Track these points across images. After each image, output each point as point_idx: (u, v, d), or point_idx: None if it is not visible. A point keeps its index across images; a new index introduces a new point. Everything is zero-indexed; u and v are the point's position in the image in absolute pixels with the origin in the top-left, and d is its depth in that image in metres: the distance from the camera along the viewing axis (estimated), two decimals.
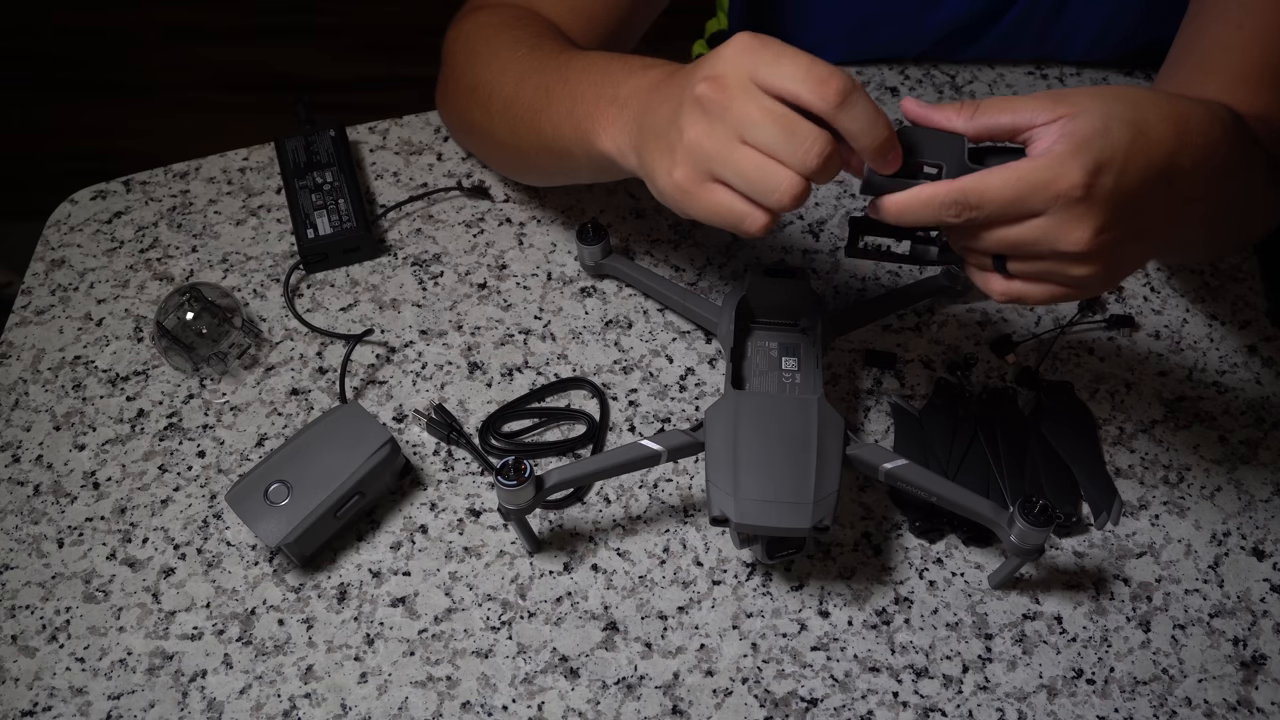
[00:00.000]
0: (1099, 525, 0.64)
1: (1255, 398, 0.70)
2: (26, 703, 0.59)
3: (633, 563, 0.63)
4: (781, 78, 0.47)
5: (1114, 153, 0.46)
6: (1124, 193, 0.47)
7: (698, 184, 0.50)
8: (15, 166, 1.86)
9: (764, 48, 0.48)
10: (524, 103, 0.64)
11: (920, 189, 0.49)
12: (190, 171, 0.83)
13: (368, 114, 0.87)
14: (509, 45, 0.68)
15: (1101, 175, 0.46)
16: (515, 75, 0.66)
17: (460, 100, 0.73)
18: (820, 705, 0.58)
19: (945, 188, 0.48)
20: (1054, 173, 0.46)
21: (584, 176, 0.68)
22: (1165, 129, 0.48)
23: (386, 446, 0.63)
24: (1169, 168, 0.48)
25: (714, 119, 0.48)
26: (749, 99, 0.48)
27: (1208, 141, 0.49)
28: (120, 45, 1.82)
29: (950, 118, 0.50)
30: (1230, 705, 0.58)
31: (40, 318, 0.75)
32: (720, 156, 0.49)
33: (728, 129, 0.48)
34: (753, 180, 0.48)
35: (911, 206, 0.49)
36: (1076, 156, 0.46)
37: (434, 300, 0.75)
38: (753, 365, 0.64)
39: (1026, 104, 0.49)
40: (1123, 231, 0.48)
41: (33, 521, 0.65)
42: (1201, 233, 0.60)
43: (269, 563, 0.64)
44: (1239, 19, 0.64)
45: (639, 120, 0.54)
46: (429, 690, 0.59)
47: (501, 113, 0.67)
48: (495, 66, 0.68)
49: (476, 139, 0.75)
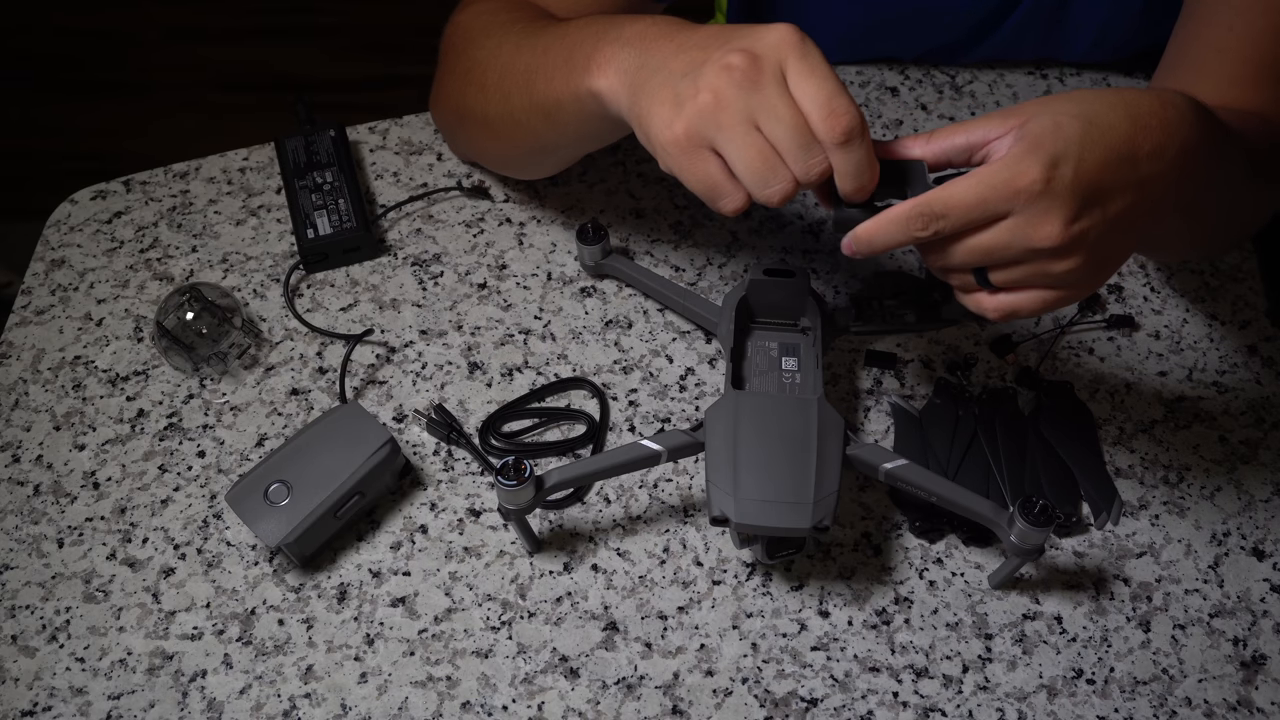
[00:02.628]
0: (1099, 525, 0.64)
1: (1255, 398, 0.70)
2: (26, 703, 0.59)
3: (633, 563, 0.63)
4: (804, 90, 0.48)
5: (1068, 144, 0.47)
6: (1086, 180, 0.47)
7: (694, 147, 0.50)
8: (15, 166, 1.86)
9: (806, 53, 0.48)
10: (520, 66, 0.64)
11: (886, 211, 0.50)
12: (190, 171, 0.83)
13: (368, 114, 0.87)
14: (506, 25, 0.68)
15: (1060, 167, 0.46)
16: (512, 44, 0.66)
17: (455, 86, 0.72)
18: (820, 705, 0.58)
19: (910, 203, 0.49)
20: (1012, 171, 0.47)
21: (571, 137, 0.66)
22: (1116, 115, 0.48)
23: (386, 446, 0.63)
24: (1128, 151, 0.48)
25: (739, 92, 0.48)
26: (779, 92, 0.48)
27: (1163, 124, 0.49)
28: (120, 45, 1.82)
29: (910, 146, 0.51)
30: (1230, 705, 0.58)
31: (40, 318, 0.75)
32: (730, 129, 0.49)
33: (747, 108, 0.48)
34: (754, 167, 0.49)
35: (881, 228, 0.50)
36: (1032, 153, 0.46)
37: (434, 300, 0.75)
38: (753, 365, 0.64)
39: (979, 123, 0.50)
40: (1095, 219, 0.48)
41: (33, 521, 0.65)
42: (1184, 224, 0.60)
43: (269, 563, 0.64)
44: (1229, 21, 0.65)
45: (641, 59, 0.53)
46: (429, 690, 0.59)
47: (497, 84, 0.67)
48: (491, 44, 0.68)
49: (469, 127, 0.74)
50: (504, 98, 0.66)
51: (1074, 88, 0.86)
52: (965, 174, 0.48)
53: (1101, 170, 0.47)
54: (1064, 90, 0.86)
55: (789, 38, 0.49)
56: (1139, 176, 0.48)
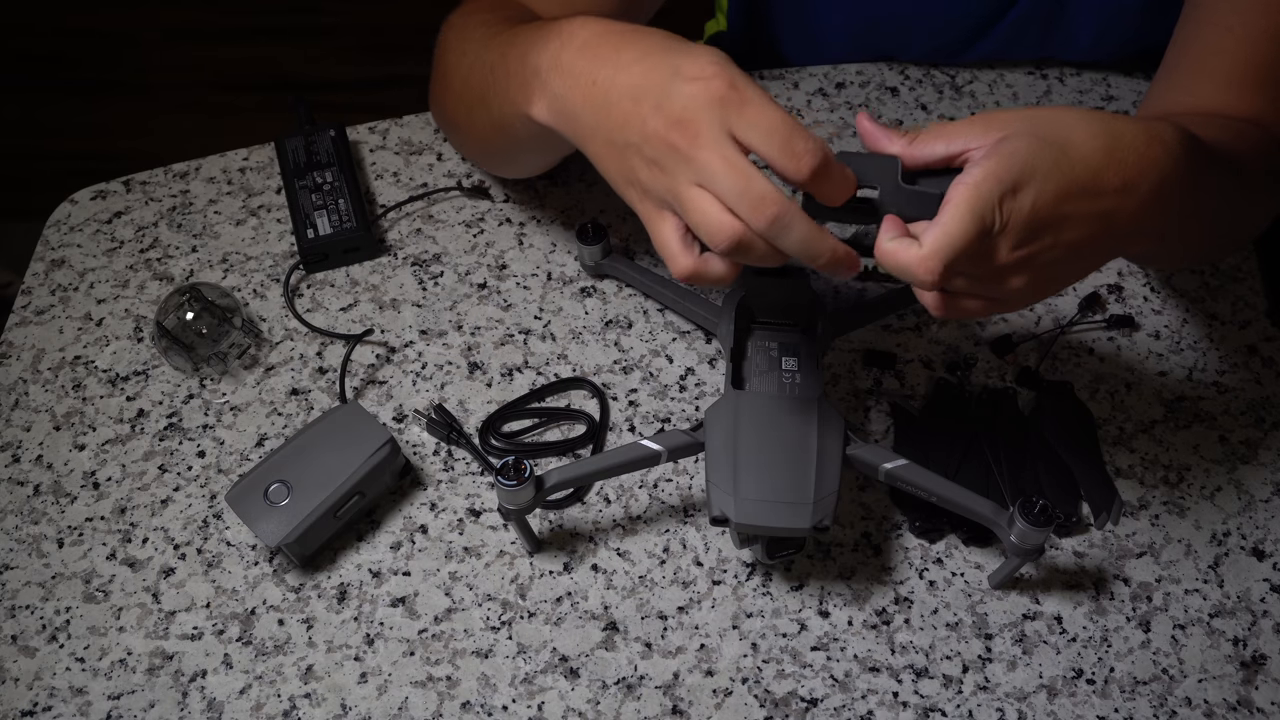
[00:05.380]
0: (1099, 525, 0.64)
1: (1255, 398, 0.70)
2: (26, 703, 0.59)
3: (633, 563, 0.63)
4: (759, 142, 0.46)
5: (1034, 173, 0.46)
6: (1042, 210, 0.47)
7: (650, 209, 0.50)
8: (15, 166, 1.86)
9: (744, 103, 0.46)
10: (475, 81, 0.64)
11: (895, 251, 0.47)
12: (190, 171, 0.83)
13: (368, 114, 0.87)
14: (473, 32, 0.68)
15: (1018, 195, 0.46)
16: (473, 56, 0.65)
17: (435, 89, 0.73)
18: (820, 705, 0.58)
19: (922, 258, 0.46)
20: (988, 192, 0.46)
21: (538, 151, 0.66)
22: (1092, 146, 0.48)
23: (386, 446, 0.63)
24: (1093, 185, 0.48)
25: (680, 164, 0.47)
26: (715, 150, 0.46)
27: (1140, 159, 0.48)
28: (120, 45, 1.82)
29: (891, 141, 0.50)
30: (1230, 705, 0.58)
31: (40, 318, 0.75)
32: (674, 195, 0.48)
33: (688, 174, 0.47)
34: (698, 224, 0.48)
35: (892, 261, 0.48)
36: (995, 176, 0.46)
37: (434, 300, 0.75)
38: (753, 365, 0.64)
39: (960, 130, 0.49)
40: (1045, 245, 0.48)
41: (33, 521, 0.65)
42: (1171, 246, 0.60)
43: (269, 563, 0.64)
44: (1229, 23, 0.65)
45: (565, 100, 0.53)
46: (429, 690, 0.59)
47: (460, 94, 0.67)
48: (457, 51, 0.68)
49: (451, 131, 0.75)
50: (468, 109, 0.67)
51: (1074, 88, 0.86)
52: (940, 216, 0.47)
53: (1060, 201, 0.47)
54: (1064, 90, 0.86)
55: (722, 93, 0.47)
56: (1100, 209, 0.48)
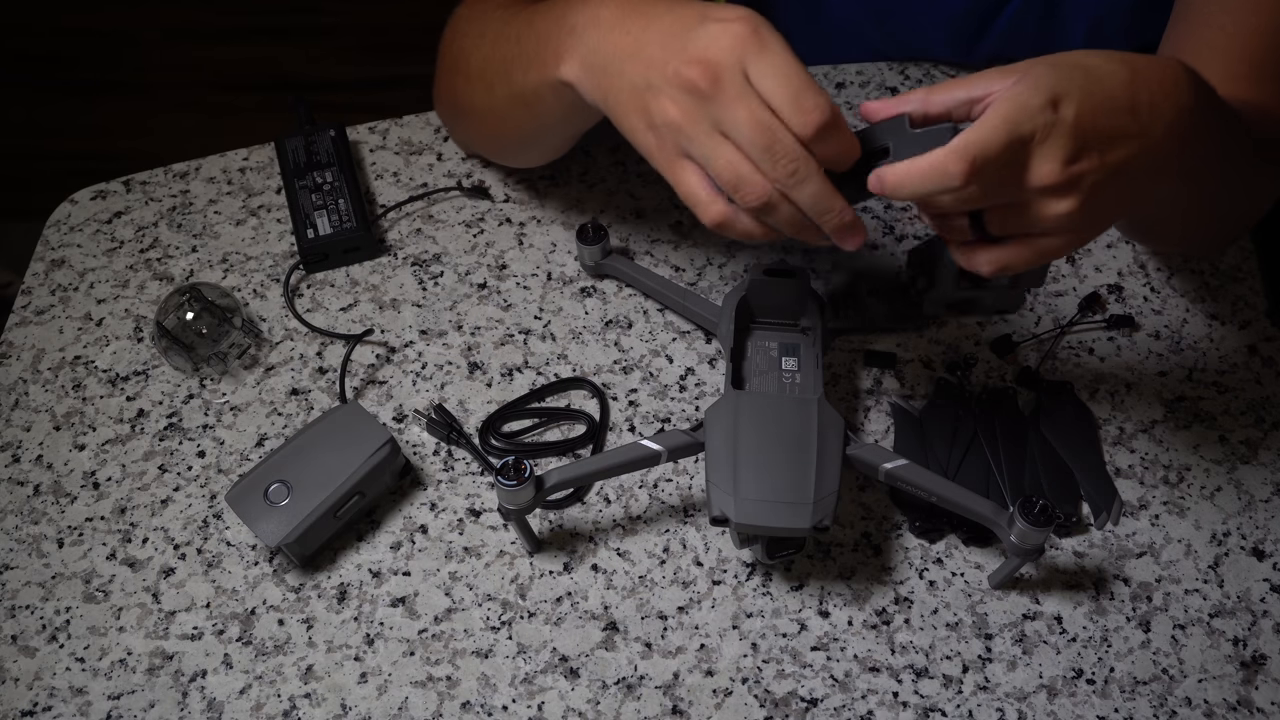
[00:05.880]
0: (1099, 525, 0.64)
1: (1255, 398, 0.70)
2: (26, 703, 0.59)
3: (633, 563, 0.63)
4: (771, 89, 0.47)
5: (1070, 85, 0.46)
6: (1086, 121, 0.47)
7: (669, 156, 0.50)
8: (15, 166, 1.86)
9: (763, 48, 0.47)
10: (498, 57, 0.64)
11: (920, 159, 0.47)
12: (190, 171, 0.83)
13: (368, 114, 0.87)
14: (491, 13, 0.69)
15: (1061, 105, 0.46)
16: (494, 34, 0.66)
17: (447, 77, 0.73)
18: (820, 705, 0.58)
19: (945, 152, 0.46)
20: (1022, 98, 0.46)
21: (556, 123, 0.66)
22: (1115, 66, 0.48)
23: (386, 446, 0.63)
24: (1128, 100, 0.48)
25: (700, 105, 0.48)
26: (739, 98, 0.47)
27: (1160, 82, 0.49)
28: (120, 45, 1.82)
29: (908, 100, 0.50)
30: (1230, 705, 0.58)
31: (40, 318, 0.75)
32: (698, 142, 0.48)
33: (711, 119, 0.48)
34: (724, 176, 0.48)
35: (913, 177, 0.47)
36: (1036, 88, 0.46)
37: (434, 300, 0.75)
38: (753, 365, 0.64)
39: (980, 77, 0.49)
40: (1093, 163, 0.47)
41: (33, 521, 0.65)
42: (1188, 195, 0.60)
43: (269, 563, 0.64)
44: (1220, 21, 0.65)
45: (597, 53, 0.53)
46: (429, 690, 0.59)
47: (479, 74, 0.67)
48: (475, 33, 0.69)
49: (463, 119, 0.75)
50: (488, 89, 0.67)
51: None
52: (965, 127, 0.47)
53: (1102, 115, 0.47)
54: None
55: (744, 35, 0.47)
56: (1140, 126, 0.48)
